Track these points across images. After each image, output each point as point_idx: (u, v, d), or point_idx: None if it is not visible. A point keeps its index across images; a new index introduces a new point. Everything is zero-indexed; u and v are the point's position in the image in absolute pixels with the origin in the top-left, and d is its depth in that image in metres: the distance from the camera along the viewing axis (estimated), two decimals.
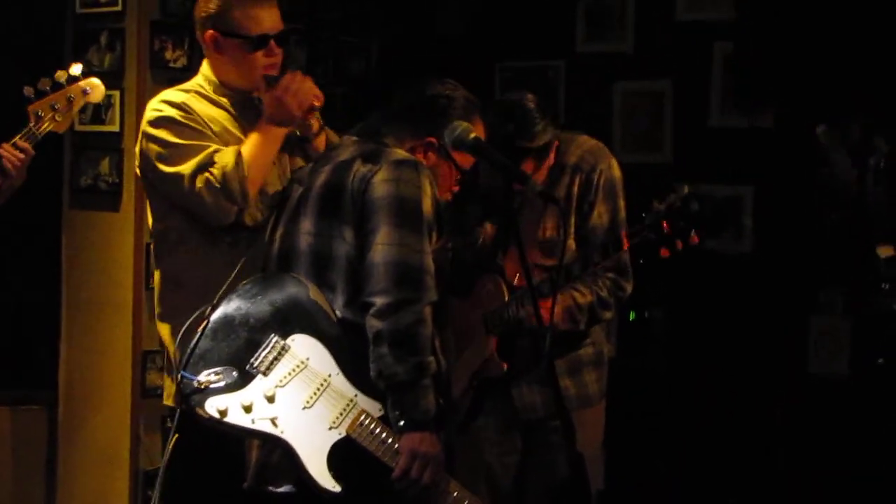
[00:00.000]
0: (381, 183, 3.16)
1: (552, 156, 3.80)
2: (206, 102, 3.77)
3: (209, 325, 3.09)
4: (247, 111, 3.75)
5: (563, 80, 6.17)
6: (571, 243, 3.82)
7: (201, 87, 3.83)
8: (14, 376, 5.46)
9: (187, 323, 3.12)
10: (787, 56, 5.15)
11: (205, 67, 3.85)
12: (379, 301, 3.06)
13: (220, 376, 3.02)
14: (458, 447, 3.86)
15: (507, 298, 3.77)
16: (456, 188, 3.45)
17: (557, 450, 3.66)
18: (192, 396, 3.02)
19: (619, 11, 6.02)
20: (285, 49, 3.80)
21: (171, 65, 5.30)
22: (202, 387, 3.01)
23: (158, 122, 3.68)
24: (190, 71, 5.25)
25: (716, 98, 5.78)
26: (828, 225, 5.49)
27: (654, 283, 5.60)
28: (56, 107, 3.74)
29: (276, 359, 3.06)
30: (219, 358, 3.06)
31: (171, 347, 3.76)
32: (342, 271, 3.19)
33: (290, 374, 3.06)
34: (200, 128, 3.68)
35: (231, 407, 3.01)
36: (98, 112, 5.23)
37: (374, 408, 3.08)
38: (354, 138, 3.45)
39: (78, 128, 5.27)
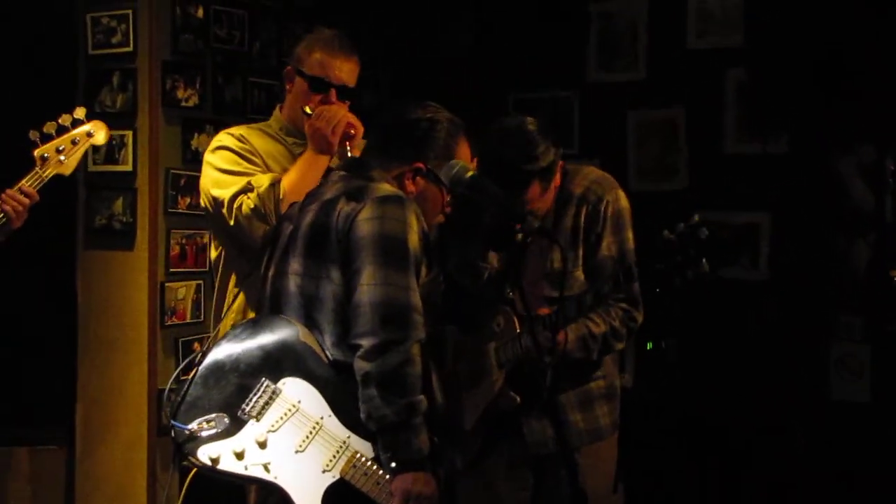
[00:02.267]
0: (364, 221, 3.12)
1: (558, 176, 3.79)
2: (267, 139, 3.96)
3: (200, 371, 3.08)
4: None
5: (577, 110, 6.17)
6: (580, 274, 3.79)
7: (269, 126, 4.04)
8: (31, 416, 5.47)
9: (176, 371, 3.13)
10: (798, 81, 5.13)
11: (276, 111, 4.06)
12: (365, 343, 3.03)
13: (212, 423, 3.02)
14: (471, 483, 3.86)
15: (518, 331, 3.75)
16: (448, 209, 3.42)
17: (567, 485, 3.62)
18: (184, 445, 3.02)
19: (631, 40, 6.03)
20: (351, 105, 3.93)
21: (183, 104, 5.33)
22: (194, 435, 3.01)
23: (216, 149, 3.86)
24: (202, 110, 5.34)
25: (730, 125, 5.77)
26: (845, 250, 5.45)
27: (672, 312, 5.61)
28: (61, 150, 3.78)
29: (267, 403, 3.05)
30: (210, 405, 3.05)
31: None
32: (330, 312, 3.16)
33: (282, 418, 3.05)
34: (254, 158, 3.84)
35: (223, 454, 3.01)
36: (111, 152, 5.26)
37: (368, 448, 3.06)
38: (341, 173, 3.42)
39: (91, 168, 5.30)
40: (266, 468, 3.00)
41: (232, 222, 3.71)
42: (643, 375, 5.80)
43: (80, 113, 3.84)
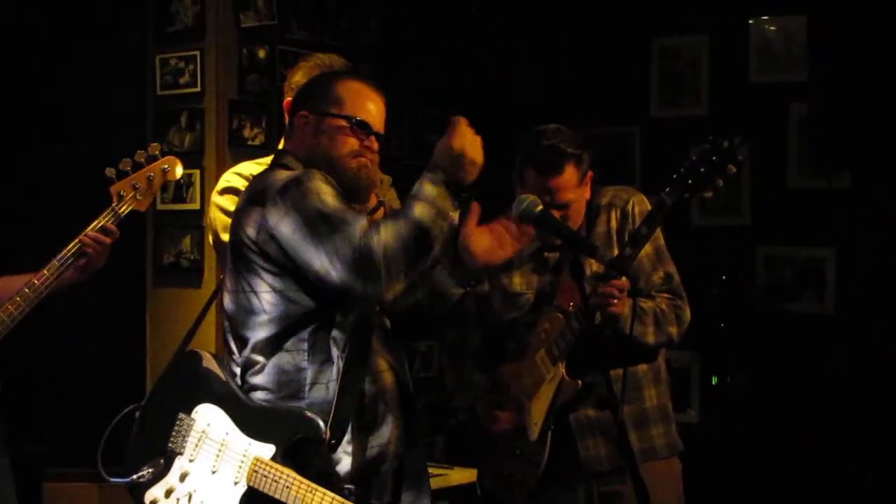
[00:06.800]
0: (280, 221, 3.00)
1: (588, 189, 3.89)
2: None
3: (136, 420, 3.20)
4: None
5: (639, 145, 6.18)
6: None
7: None
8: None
9: (113, 423, 3.20)
10: (862, 116, 5.12)
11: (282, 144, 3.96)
12: (359, 286, 2.92)
13: (151, 468, 3.10)
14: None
15: (565, 320, 3.76)
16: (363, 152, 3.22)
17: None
18: (133, 493, 3.11)
19: (693, 75, 6.04)
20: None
21: (250, 143, 5.40)
22: (136, 482, 3.10)
23: (224, 191, 3.82)
24: (268, 149, 5.39)
25: (793, 159, 5.75)
26: None
27: (737, 346, 5.62)
28: (137, 186, 3.81)
29: (185, 436, 3.13)
30: (147, 450, 3.15)
31: None
32: (263, 325, 3.10)
33: (196, 446, 3.12)
34: None
35: (158, 496, 3.10)
36: (179, 191, 5.34)
37: (266, 450, 3.06)
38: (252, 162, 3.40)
39: (160, 206, 5.38)
40: (190, 498, 3.08)
41: None
42: (709, 411, 5.79)
43: (154, 149, 3.87)
